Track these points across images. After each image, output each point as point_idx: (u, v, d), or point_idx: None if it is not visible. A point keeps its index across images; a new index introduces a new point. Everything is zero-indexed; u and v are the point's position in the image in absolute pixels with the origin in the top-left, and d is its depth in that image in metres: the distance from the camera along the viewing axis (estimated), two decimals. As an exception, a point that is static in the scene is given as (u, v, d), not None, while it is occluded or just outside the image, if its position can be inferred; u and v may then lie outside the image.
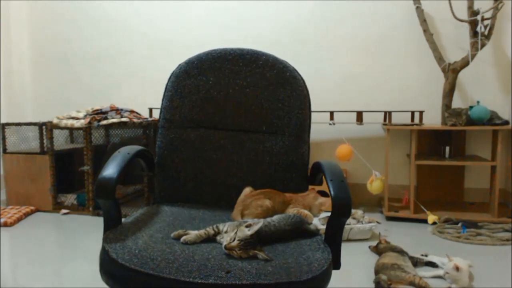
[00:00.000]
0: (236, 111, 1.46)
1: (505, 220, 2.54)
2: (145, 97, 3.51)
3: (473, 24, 2.61)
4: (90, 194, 2.92)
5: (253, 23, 3.25)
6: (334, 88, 3.17)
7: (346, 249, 2.20)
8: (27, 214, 2.87)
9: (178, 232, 1.06)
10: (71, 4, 3.61)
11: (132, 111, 3.09)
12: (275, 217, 1.11)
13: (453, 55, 2.92)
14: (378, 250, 2.04)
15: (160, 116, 1.48)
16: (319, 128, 3.18)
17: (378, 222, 2.40)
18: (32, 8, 3.70)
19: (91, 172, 2.90)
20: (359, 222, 2.39)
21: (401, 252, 1.94)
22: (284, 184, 1.40)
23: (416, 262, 1.95)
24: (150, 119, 3.04)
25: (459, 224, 2.48)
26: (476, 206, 2.86)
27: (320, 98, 3.14)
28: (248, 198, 1.29)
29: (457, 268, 1.71)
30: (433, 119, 3.01)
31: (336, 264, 1.06)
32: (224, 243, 0.97)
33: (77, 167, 3.05)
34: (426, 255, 2.03)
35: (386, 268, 1.73)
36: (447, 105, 2.71)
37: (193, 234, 1.04)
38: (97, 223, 2.73)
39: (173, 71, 1.49)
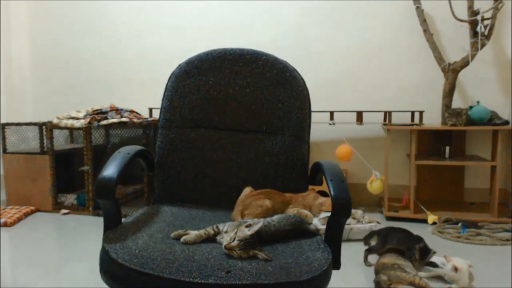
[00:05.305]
0: (236, 111, 1.46)
1: (505, 220, 2.54)
2: (145, 97, 3.51)
3: (473, 24, 2.61)
4: (90, 194, 2.92)
5: (254, 23, 3.25)
6: (334, 88, 3.17)
7: (346, 249, 2.20)
8: (27, 214, 2.87)
9: (178, 232, 1.06)
10: (71, 5, 3.60)
11: (132, 111, 3.09)
12: (275, 217, 1.11)
13: (453, 55, 2.92)
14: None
15: (160, 116, 1.48)
16: (319, 128, 3.18)
17: (378, 222, 2.40)
18: (32, 9, 3.70)
19: (91, 172, 2.90)
20: (359, 222, 2.40)
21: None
22: (284, 184, 1.40)
23: (416, 262, 1.95)
24: (150, 119, 3.04)
25: (459, 224, 2.48)
26: (476, 206, 2.85)
27: (320, 98, 3.14)
28: (248, 198, 1.29)
29: (455, 269, 1.71)
30: (433, 119, 3.01)
31: (336, 264, 1.06)
32: (224, 243, 0.97)
33: (77, 167, 3.05)
34: (426, 255, 2.03)
35: (386, 268, 1.73)
36: (447, 105, 2.71)
37: (193, 234, 1.04)
38: (97, 223, 2.73)
39: (173, 71, 1.49)
